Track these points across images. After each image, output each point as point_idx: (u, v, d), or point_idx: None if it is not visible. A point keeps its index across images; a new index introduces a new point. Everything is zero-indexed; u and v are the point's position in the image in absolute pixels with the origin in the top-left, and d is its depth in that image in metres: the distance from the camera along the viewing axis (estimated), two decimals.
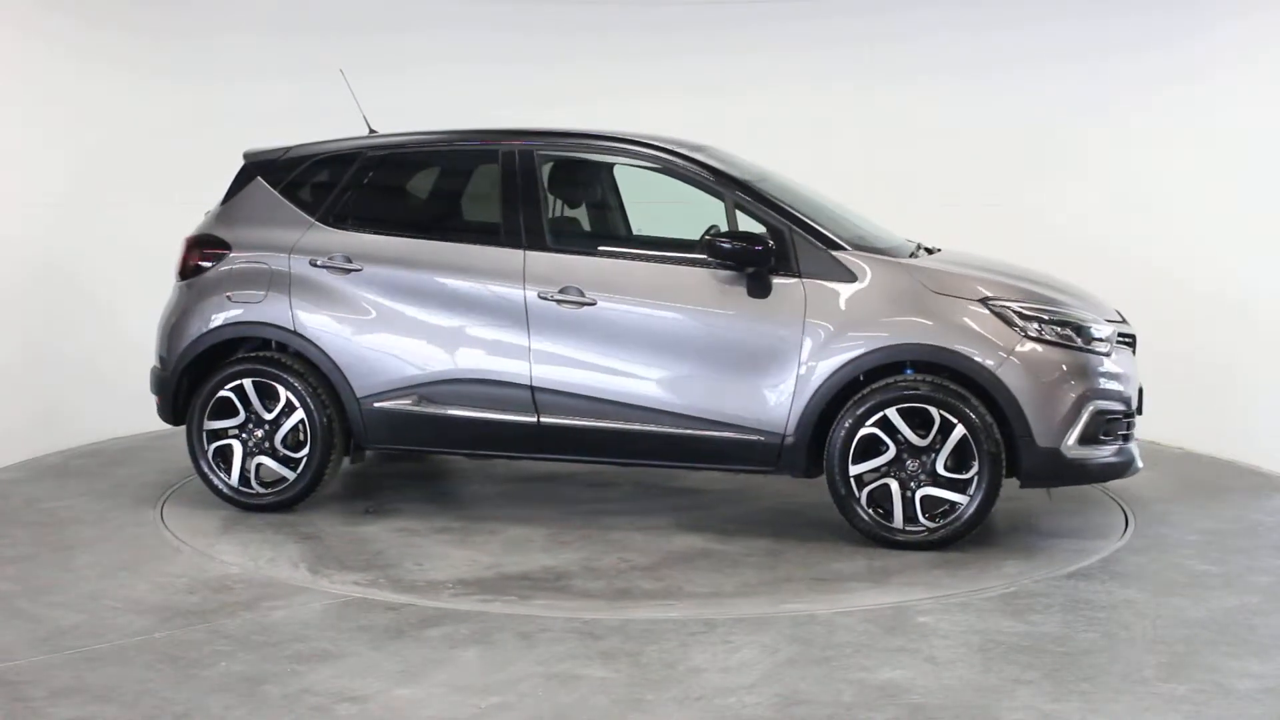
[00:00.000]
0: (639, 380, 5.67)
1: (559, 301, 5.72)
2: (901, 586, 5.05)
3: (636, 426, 5.67)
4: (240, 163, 6.44)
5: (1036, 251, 7.67)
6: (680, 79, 8.81)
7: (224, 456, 6.05)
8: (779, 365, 5.53)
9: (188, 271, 6.24)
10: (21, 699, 3.92)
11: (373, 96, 8.30)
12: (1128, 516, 6.05)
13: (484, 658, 4.28)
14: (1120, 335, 5.71)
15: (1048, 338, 5.45)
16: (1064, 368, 5.42)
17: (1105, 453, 5.50)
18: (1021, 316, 5.46)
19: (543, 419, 5.77)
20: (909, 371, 5.48)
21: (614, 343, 5.69)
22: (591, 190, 6.53)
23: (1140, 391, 5.69)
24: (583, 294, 5.70)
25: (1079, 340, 5.48)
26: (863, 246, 5.71)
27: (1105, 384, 5.50)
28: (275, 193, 6.23)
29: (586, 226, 6.50)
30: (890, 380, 5.45)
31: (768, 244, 5.53)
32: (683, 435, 5.65)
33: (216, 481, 6.05)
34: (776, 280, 5.56)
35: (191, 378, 6.15)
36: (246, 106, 8.11)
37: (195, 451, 6.08)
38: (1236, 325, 7.20)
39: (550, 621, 4.61)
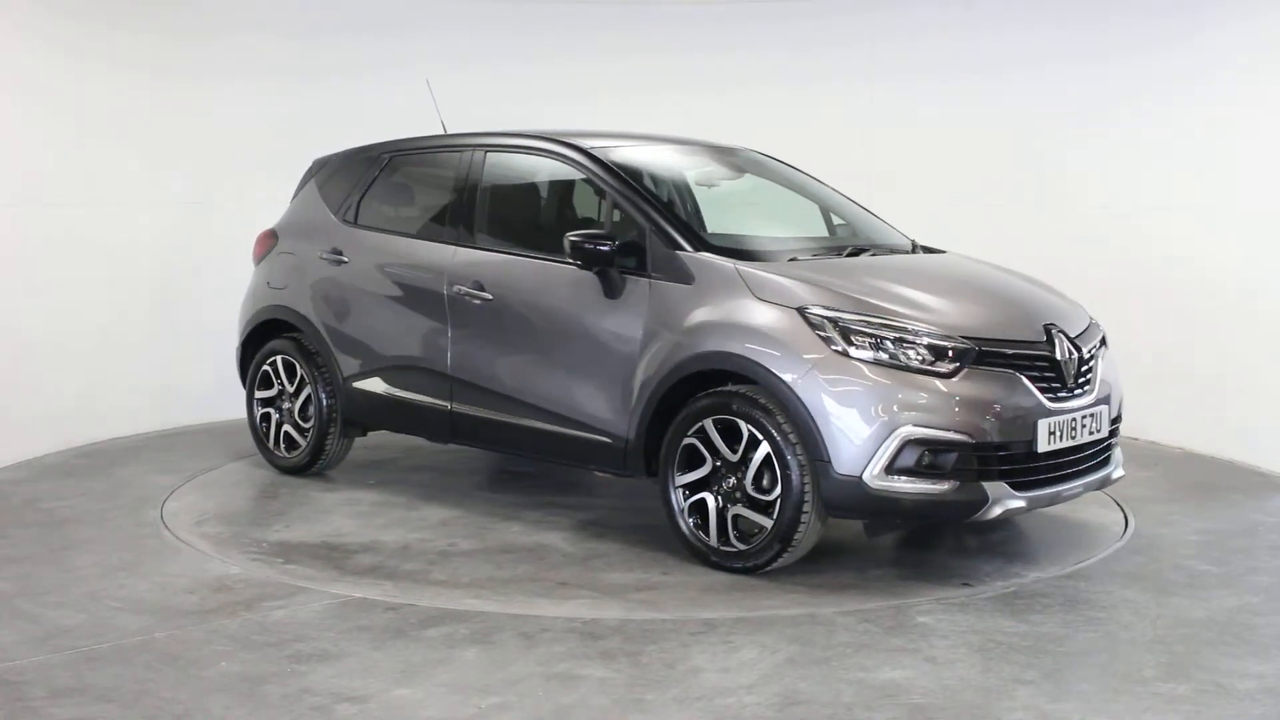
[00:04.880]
0: (519, 375, 5.81)
1: (466, 296, 5.93)
2: (902, 586, 5.05)
3: (517, 420, 5.81)
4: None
5: (1037, 251, 7.70)
6: (681, 78, 8.83)
7: (267, 422, 6.81)
8: (623, 367, 5.41)
9: (255, 259, 7.02)
10: (21, 699, 3.93)
11: (372, 98, 8.36)
12: (1128, 516, 6.05)
13: (484, 658, 4.28)
14: (1023, 356, 5.04)
15: (860, 353, 4.89)
16: (871, 387, 4.83)
17: (932, 488, 4.84)
18: (835, 327, 4.93)
19: (453, 407, 6.04)
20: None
21: (503, 338, 5.87)
22: (527, 188, 6.46)
23: (1034, 425, 4.93)
24: (483, 289, 5.89)
25: (907, 358, 4.87)
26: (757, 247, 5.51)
27: (931, 409, 4.81)
28: (317, 191, 6.87)
29: (511, 224, 6.36)
30: (714, 390, 5.15)
31: (609, 243, 5.41)
32: (551, 432, 5.69)
33: (262, 442, 6.86)
34: (631, 280, 5.44)
35: (252, 352, 6.93)
36: (250, 107, 8.13)
37: (250, 415, 6.91)
38: (1237, 325, 7.20)
39: (551, 621, 4.61)
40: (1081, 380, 5.24)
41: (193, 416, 8.02)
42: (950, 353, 4.91)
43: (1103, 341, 5.62)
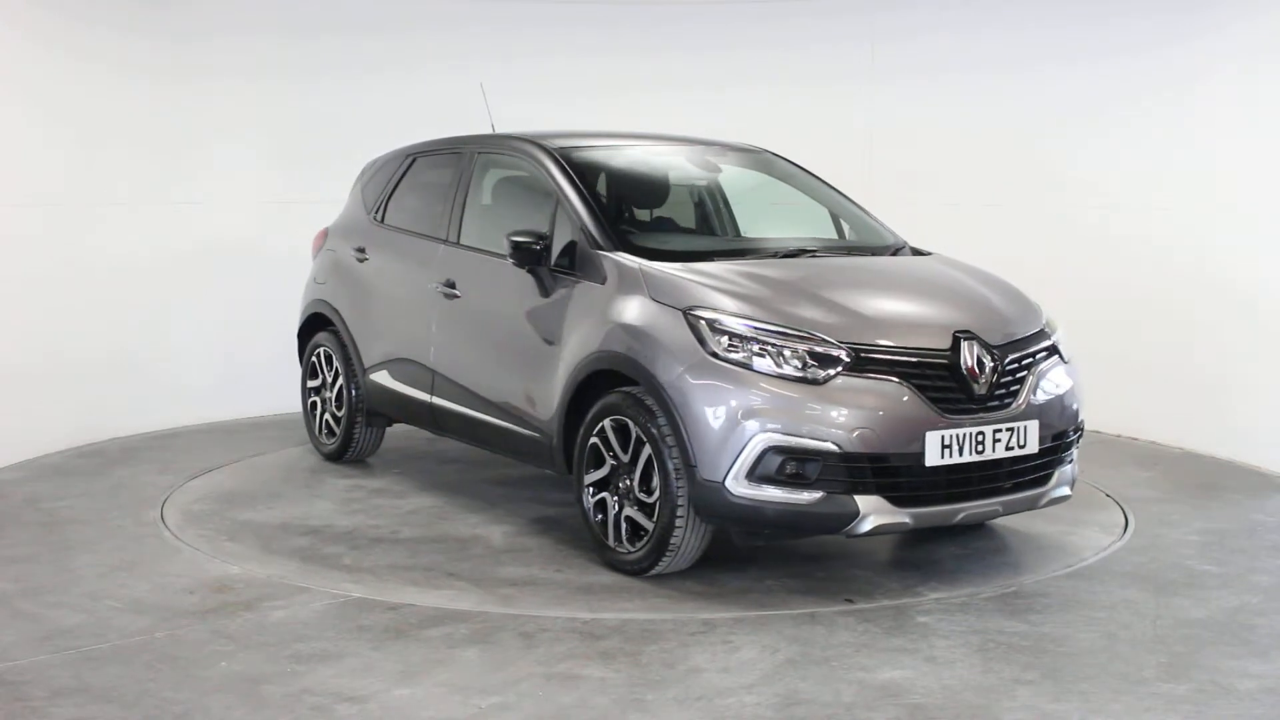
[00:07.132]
0: (478, 370, 5.95)
1: (442, 293, 6.11)
2: (901, 586, 5.05)
3: (478, 415, 5.94)
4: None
5: (1036, 251, 7.72)
6: (681, 77, 8.83)
7: (315, 410, 7.16)
8: (549, 365, 5.42)
9: (313, 255, 7.34)
10: (21, 699, 3.93)
11: (373, 97, 8.36)
12: (1128, 516, 6.05)
13: (484, 658, 4.28)
14: (913, 364, 4.76)
15: (732, 357, 4.73)
16: (736, 391, 4.68)
17: (795, 498, 4.65)
18: (712, 330, 4.79)
19: (433, 400, 6.22)
20: None
21: (468, 332, 6.01)
22: (502, 188, 6.50)
23: (922, 437, 4.65)
24: (454, 286, 6.07)
25: (779, 363, 4.70)
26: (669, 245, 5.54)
27: (795, 416, 4.62)
28: (360, 192, 7.14)
29: (484, 223, 6.36)
30: (615, 390, 5.11)
31: (541, 242, 5.47)
32: (501, 427, 5.79)
33: (310, 429, 7.22)
34: (563, 279, 5.44)
35: (304, 343, 7.29)
36: (249, 106, 8.13)
37: (303, 404, 7.29)
38: (1237, 325, 7.19)
39: (550, 621, 4.61)
40: (998, 392, 4.90)
41: (194, 416, 8.02)
42: (824, 358, 4.71)
43: (1051, 351, 5.20)
